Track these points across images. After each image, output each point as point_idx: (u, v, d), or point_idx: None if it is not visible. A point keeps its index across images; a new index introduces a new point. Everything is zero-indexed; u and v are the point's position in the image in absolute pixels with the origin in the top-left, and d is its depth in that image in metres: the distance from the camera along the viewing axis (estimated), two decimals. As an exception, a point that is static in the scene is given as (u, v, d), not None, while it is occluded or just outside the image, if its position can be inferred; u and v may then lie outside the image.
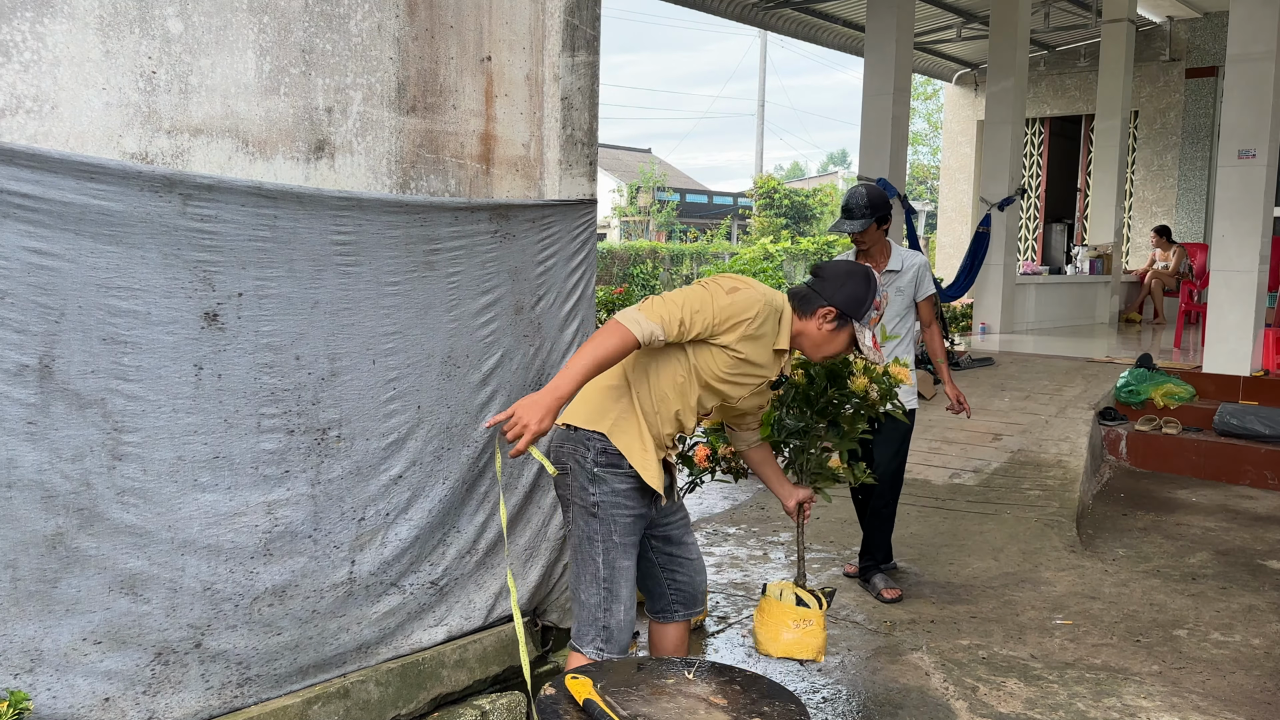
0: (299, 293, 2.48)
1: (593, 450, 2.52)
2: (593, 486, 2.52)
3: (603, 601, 2.53)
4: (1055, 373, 8.30)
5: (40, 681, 2.14)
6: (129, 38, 2.20)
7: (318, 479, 2.57)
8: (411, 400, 2.77)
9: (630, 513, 2.55)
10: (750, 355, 2.53)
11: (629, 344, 2.39)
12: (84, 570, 2.18)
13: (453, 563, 2.93)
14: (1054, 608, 4.40)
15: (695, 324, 2.45)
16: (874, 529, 4.58)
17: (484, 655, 2.99)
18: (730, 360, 2.51)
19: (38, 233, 2.04)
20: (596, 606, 2.53)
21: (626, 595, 2.55)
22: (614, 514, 2.52)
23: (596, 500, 2.52)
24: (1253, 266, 7.41)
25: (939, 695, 3.54)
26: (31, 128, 2.07)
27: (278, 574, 2.51)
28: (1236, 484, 6.55)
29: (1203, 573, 4.89)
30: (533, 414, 2.30)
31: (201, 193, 2.25)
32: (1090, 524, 5.77)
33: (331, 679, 2.66)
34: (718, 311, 2.46)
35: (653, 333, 2.41)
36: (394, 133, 2.73)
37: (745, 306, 2.48)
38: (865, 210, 4.33)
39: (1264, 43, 7.29)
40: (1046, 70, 14.56)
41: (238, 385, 2.39)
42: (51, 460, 2.11)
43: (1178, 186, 13.57)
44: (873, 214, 4.32)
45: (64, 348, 2.10)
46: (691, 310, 2.45)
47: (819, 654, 2.90)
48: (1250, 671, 3.74)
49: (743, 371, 2.55)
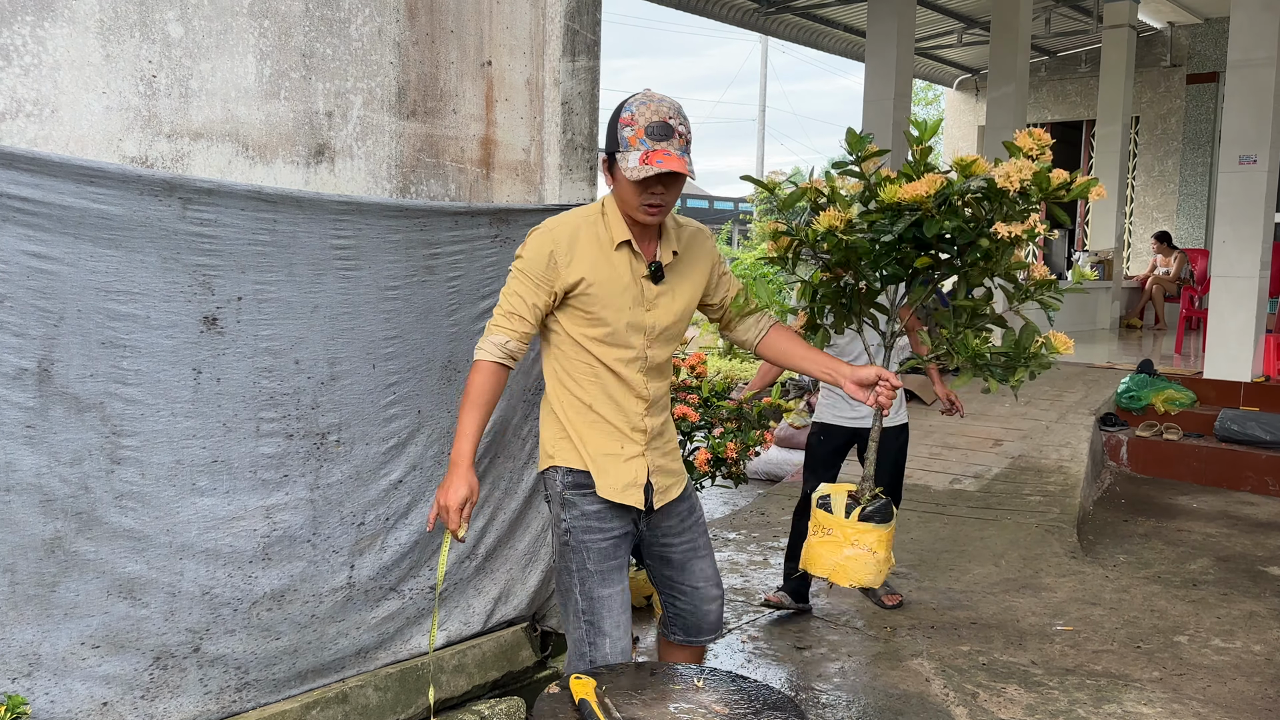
0: (299, 297, 2.47)
1: (560, 476, 2.35)
2: (564, 513, 2.34)
3: (585, 635, 2.33)
4: (1056, 378, 8.29)
5: (38, 686, 2.14)
6: (129, 42, 2.20)
7: (317, 483, 2.57)
8: (411, 405, 2.76)
9: (605, 536, 2.33)
10: (592, 275, 2.25)
11: (489, 371, 2.21)
12: (82, 574, 2.18)
13: (452, 567, 2.93)
14: (1054, 614, 4.39)
15: (525, 299, 2.23)
16: None
17: (483, 660, 2.99)
18: (582, 299, 2.26)
19: (37, 236, 2.04)
20: (581, 641, 2.34)
21: (611, 626, 2.33)
22: (585, 540, 2.32)
23: (567, 527, 2.33)
24: (1254, 272, 7.41)
25: (939, 701, 3.53)
26: (32, 131, 2.07)
27: (276, 578, 2.50)
28: (1237, 490, 6.54)
29: (1204, 579, 4.88)
30: (443, 494, 2.17)
31: (201, 197, 2.25)
32: (1091, 530, 5.76)
33: (330, 684, 2.66)
34: (526, 271, 2.24)
35: (502, 344, 2.22)
36: (394, 137, 2.73)
37: (536, 246, 2.25)
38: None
39: (1265, 49, 7.29)
40: (1047, 76, 14.57)
41: (237, 389, 2.38)
42: (50, 464, 2.11)
43: (1179, 192, 13.57)
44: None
45: (63, 351, 2.10)
46: (511, 294, 2.25)
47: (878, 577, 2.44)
48: (1251, 678, 3.73)
49: (601, 294, 2.26)
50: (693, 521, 2.49)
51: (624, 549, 2.39)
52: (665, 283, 2.33)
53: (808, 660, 3.88)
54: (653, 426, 2.37)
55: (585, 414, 2.33)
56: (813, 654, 3.94)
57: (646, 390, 2.34)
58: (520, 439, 3.09)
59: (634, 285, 2.28)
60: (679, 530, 2.45)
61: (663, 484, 2.40)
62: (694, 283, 2.40)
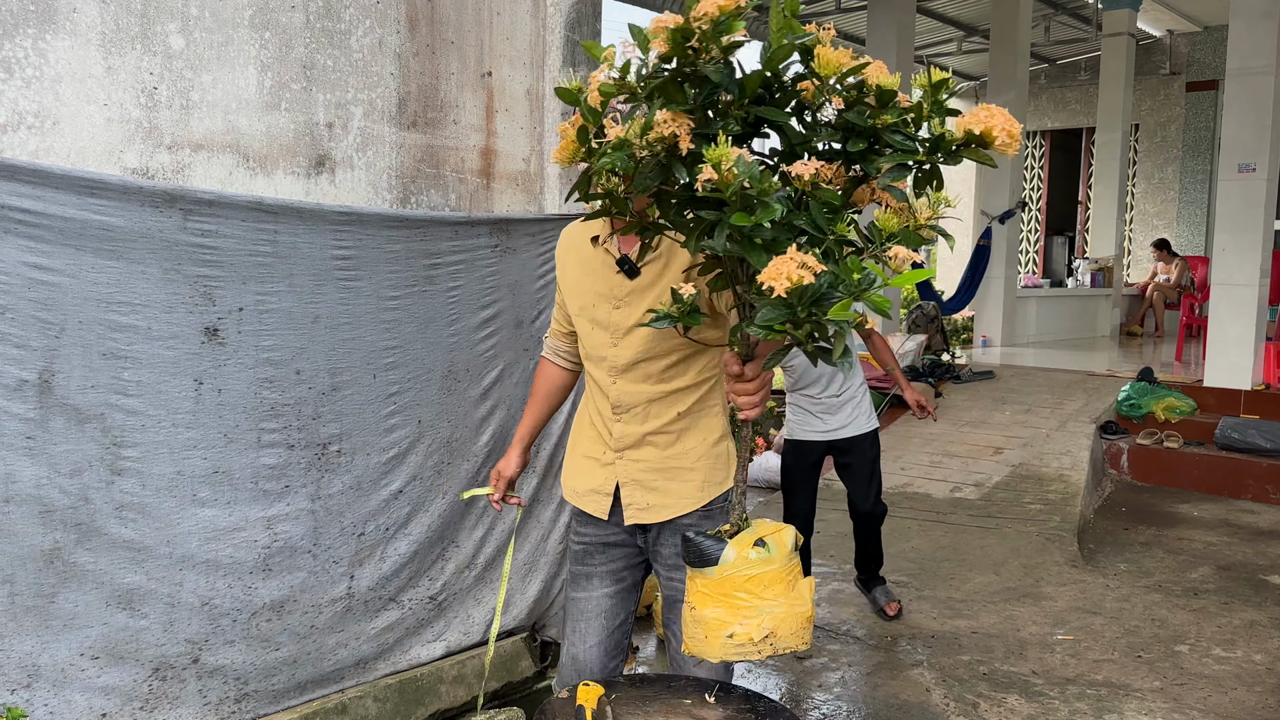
0: (299, 307, 2.48)
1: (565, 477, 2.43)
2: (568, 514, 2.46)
3: (568, 634, 2.33)
4: (1056, 386, 8.29)
5: (37, 697, 2.13)
6: (131, 54, 2.20)
7: (318, 494, 2.57)
8: (412, 415, 2.77)
9: (580, 540, 2.29)
10: (575, 274, 2.23)
11: (540, 365, 2.43)
12: (81, 585, 2.18)
13: (451, 578, 2.93)
14: (1055, 623, 4.38)
15: (559, 300, 2.37)
16: (865, 544, 4.45)
17: (482, 671, 2.99)
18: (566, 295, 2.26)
19: (39, 248, 2.04)
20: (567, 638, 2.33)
21: (571, 631, 2.28)
22: (570, 542, 2.36)
23: (567, 525, 2.48)
24: (1253, 280, 7.41)
25: (939, 711, 3.52)
26: (33, 143, 2.08)
27: (276, 589, 2.50)
28: (1238, 498, 6.53)
29: (1204, 588, 4.87)
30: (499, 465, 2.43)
31: (202, 208, 2.26)
32: (1092, 538, 5.75)
33: (329, 694, 2.65)
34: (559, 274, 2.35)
35: (549, 340, 2.42)
36: (394, 148, 2.73)
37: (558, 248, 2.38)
38: None
39: (1263, 57, 7.30)
40: (1047, 84, 14.59)
41: (238, 400, 2.39)
42: (50, 475, 2.11)
43: (1178, 200, 13.58)
44: None
45: (64, 363, 2.10)
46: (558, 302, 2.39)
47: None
48: (1252, 688, 3.73)
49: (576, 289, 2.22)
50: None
51: (599, 558, 2.27)
52: (639, 281, 2.15)
53: (808, 670, 3.88)
54: (624, 434, 2.19)
55: (580, 415, 2.33)
56: (813, 664, 3.93)
57: (613, 392, 2.18)
58: (520, 449, 3.09)
59: (605, 281, 2.16)
60: (672, 565, 2.22)
61: (641, 500, 2.20)
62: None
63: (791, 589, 1.65)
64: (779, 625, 1.63)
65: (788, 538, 1.68)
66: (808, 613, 1.64)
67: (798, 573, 1.67)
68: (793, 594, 1.65)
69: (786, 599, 1.64)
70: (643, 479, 2.19)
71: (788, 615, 1.63)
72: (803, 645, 1.65)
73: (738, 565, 1.64)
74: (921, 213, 1.54)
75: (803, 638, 1.65)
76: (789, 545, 1.67)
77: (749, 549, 1.65)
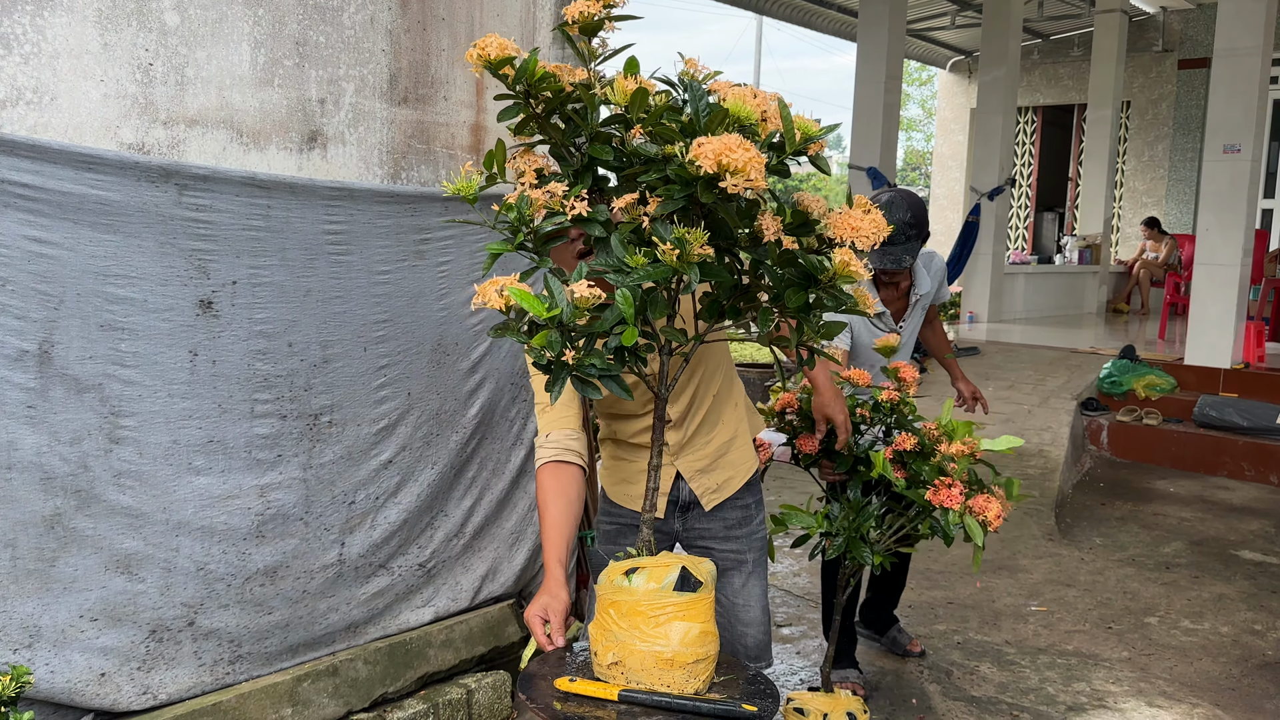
0: (292, 281, 2.53)
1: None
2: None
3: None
4: (1040, 363, 8.39)
5: (39, 657, 2.21)
6: (127, 30, 2.24)
7: (309, 463, 2.63)
8: (402, 387, 2.83)
9: (612, 521, 2.38)
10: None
11: (558, 475, 2.05)
12: (81, 550, 2.25)
13: (440, 546, 3.01)
14: (1029, 595, 4.49)
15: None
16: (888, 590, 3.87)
17: (470, 636, 3.07)
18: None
19: (38, 221, 2.09)
20: None
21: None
22: (601, 523, 2.41)
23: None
24: (1235, 260, 7.50)
25: (914, 678, 3.63)
26: (31, 119, 2.12)
27: (269, 555, 2.57)
28: (1214, 475, 6.66)
29: (1176, 562, 4.99)
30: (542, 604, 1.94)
31: (197, 183, 2.30)
32: (1069, 513, 5.87)
33: (321, 657, 2.74)
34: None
35: (566, 446, 2.08)
36: (386, 124, 2.78)
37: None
38: (912, 232, 3.17)
39: (1251, 37, 7.34)
40: (1040, 59, 14.59)
41: (232, 371, 2.44)
42: (50, 443, 2.17)
43: (1168, 177, 13.64)
44: (919, 234, 3.19)
45: (63, 334, 2.16)
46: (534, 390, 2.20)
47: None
48: (1217, 659, 3.85)
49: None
50: (745, 533, 2.34)
51: (632, 537, 2.22)
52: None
53: (787, 637, 3.98)
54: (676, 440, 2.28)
55: (611, 462, 2.40)
56: (792, 631, 4.04)
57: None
58: (508, 421, 3.16)
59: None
60: (723, 536, 2.30)
61: (710, 483, 2.30)
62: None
63: (654, 626, 1.65)
64: (627, 657, 1.66)
65: (664, 575, 1.69)
66: (665, 655, 1.64)
67: (675, 613, 1.66)
68: (652, 631, 1.65)
69: (642, 634, 1.65)
70: (704, 465, 2.29)
71: (638, 651, 1.65)
72: (663, 687, 1.65)
73: (604, 588, 1.73)
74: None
75: (660, 678, 1.65)
76: (661, 584, 1.68)
77: (619, 575, 1.72)
